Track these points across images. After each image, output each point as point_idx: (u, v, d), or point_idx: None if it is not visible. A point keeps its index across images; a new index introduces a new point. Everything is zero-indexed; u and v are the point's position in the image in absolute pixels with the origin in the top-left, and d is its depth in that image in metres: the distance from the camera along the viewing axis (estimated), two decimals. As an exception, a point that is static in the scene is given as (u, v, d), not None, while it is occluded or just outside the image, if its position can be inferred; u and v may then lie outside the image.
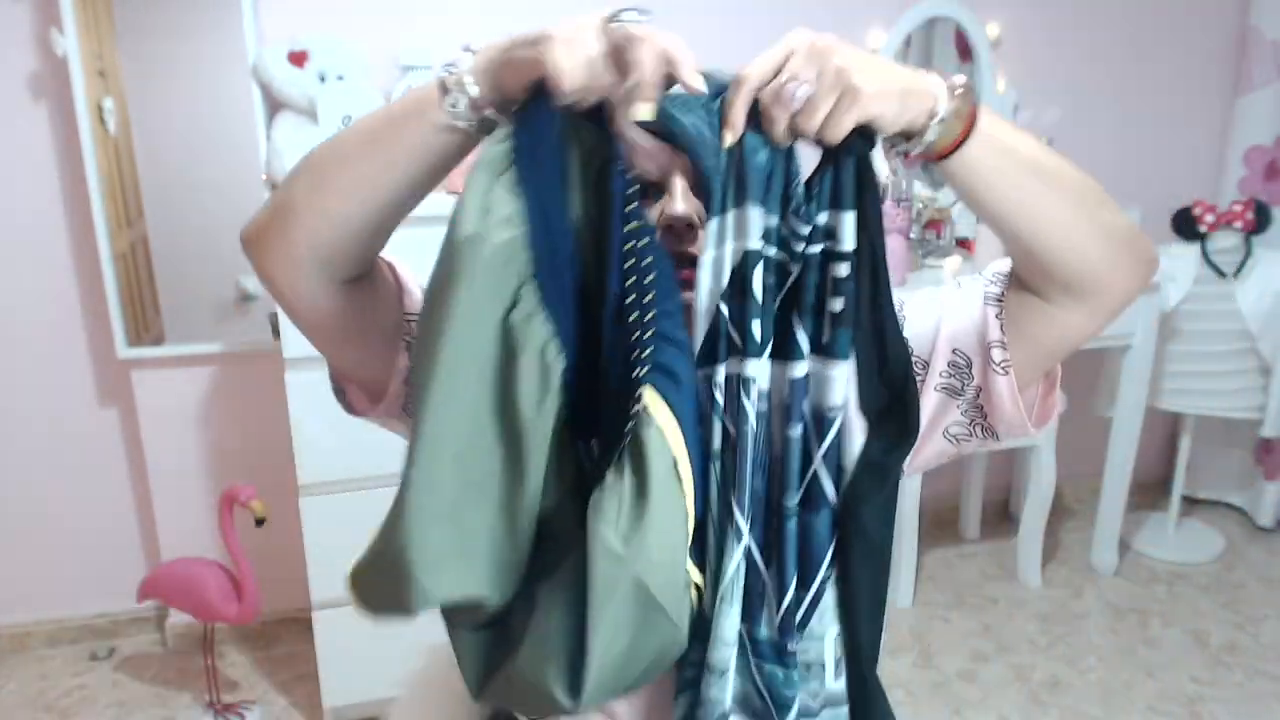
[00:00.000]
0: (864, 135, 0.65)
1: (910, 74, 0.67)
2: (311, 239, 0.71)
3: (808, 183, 0.68)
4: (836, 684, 0.77)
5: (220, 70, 2.06)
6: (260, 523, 1.91)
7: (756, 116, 0.66)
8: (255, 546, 2.04)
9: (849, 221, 0.67)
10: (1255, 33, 2.74)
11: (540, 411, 0.65)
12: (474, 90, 0.67)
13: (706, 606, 0.71)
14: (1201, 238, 2.51)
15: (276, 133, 1.97)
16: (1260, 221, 2.46)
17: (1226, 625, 2.43)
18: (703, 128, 0.69)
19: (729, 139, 0.66)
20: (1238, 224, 2.47)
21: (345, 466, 1.85)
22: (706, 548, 0.70)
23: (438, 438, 0.64)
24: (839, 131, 0.64)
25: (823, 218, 0.68)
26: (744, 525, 0.68)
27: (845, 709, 0.77)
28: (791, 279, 0.69)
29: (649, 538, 0.62)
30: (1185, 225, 2.52)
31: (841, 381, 0.70)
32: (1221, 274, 2.50)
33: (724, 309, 0.68)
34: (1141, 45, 2.76)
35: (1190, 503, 3.04)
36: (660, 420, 0.63)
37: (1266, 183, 2.81)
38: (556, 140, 0.66)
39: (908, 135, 0.67)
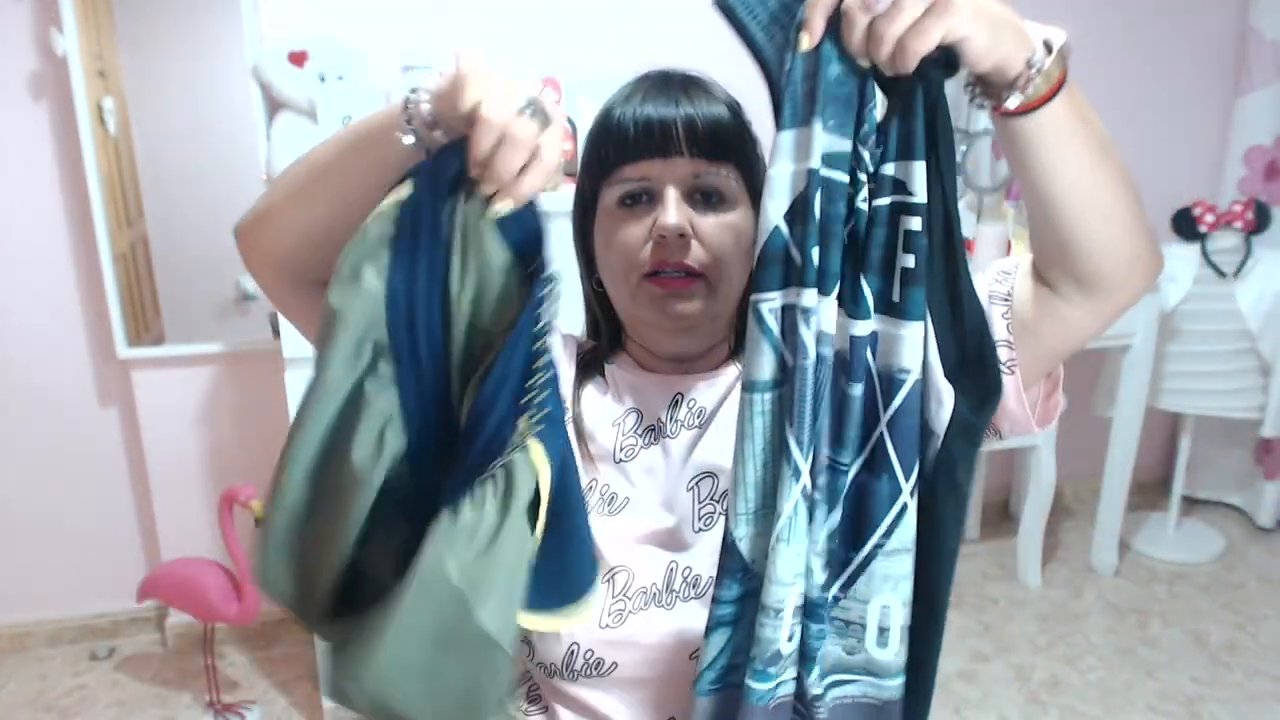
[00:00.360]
0: (946, 63, 0.60)
1: (1010, 11, 0.63)
2: (284, 242, 0.75)
3: (879, 128, 0.63)
4: (881, 652, 0.72)
5: (220, 70, 2.06)
6: (260, 523, 1.90)
7: (837, 25, 0.61)
8: (255, 546, 2.04)
9: (920, 171, 0.62)
10: (1255, 33, 2.74)
11: (370, 473, 0.66)
12: (425, 109, 0.66)
13: (754, 545, 0.68)
14: (1201, 238, 2.51)
15: (276, 133, 1.97)
16: (1260, 221, 2.46)
17: (1226, 625, 2.43)
18: (775, 31, 0.64)
19: (805, 43, 0.61)
20: (1238, 224, 2.47)
21: (345, 466, 1.85)
22: (759, 483, 0.67)
23: (295, 460, 0.68)
24: (924, 44, 0.58)
25: (891, 168, 0.64)
26: (802, 464, 0.65)
27: (890, 682, 0.72)
28: (854, 221, 0.65)
29: (493, 571, 0.62)
30: (1185, 225, 2.52)
31: (914, 343, 0.65)
32: (1221, 274, 2.50)
33: (784, 229, 0.64)
34: (1141, 45, 2.76)
35: (1190, 503, 3.04)
36: (535, 457, 0.63)
37: (1266, 183, 2.81)
38: (448, 192, 0.64)
39: (994, 84, 0.63)
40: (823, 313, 0.64)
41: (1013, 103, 0.62)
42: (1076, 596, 2.57)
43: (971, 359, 0.68)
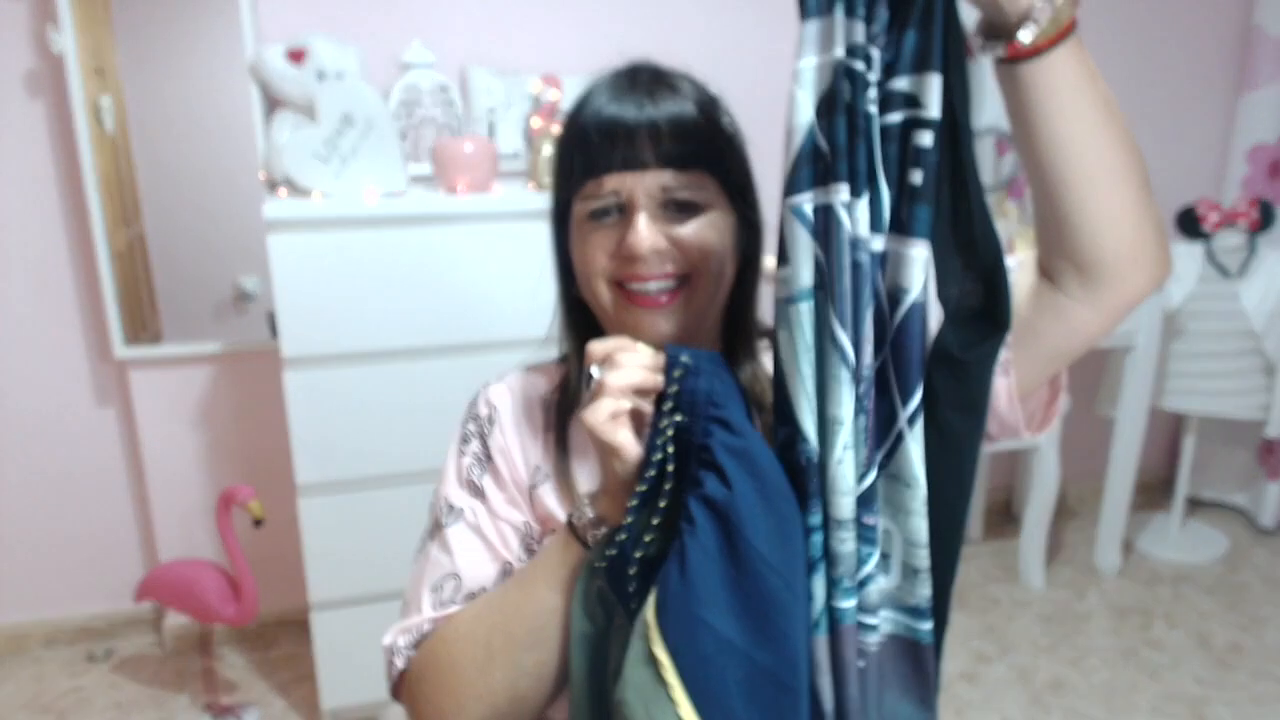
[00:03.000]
0: None
1: None
2: (485, 711, 0.77)
3: (889, 43, 0.62)
4: (888, 581, 0.71)
5: (218, 68, 2.05)
6: (258, 523, 1.90)
7: None
8: (253, 547, 2.03)
9: (935, 85, 0.61)
10: (1258, 31, 2.73)
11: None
12: (589, 511, 0.75)
13: (814, 456, 0.66)
14: (1206, 237, 2.50)
15: (275, 131, 1.96)
16: (1265, 220, 2.45)
17: (1230, 626, 2.42)
18: None
19: None
20: (1242, 223, 2.46)
21: (344, 466, 1.84)
22: (815, 394, 0.65)
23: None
24: None
25: (905, 82, 0.62)
26: (854, 364, 0.63)
27: (922, 625, 0.71)
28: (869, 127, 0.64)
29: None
30: (1189, 224, 2.51)
31: (919, 263, 0.64)
32: (1226, 273, 2.49)
33: (816, 125, 0.63)
34: (1144, 44, 2.75)
35: (1194, 503, 3.03)
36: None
37: (1270, 181, 2.80)
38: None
39: (1006, 22, 0.61)
40: (858, 214, 0.63)
41: (1026, 37, 0.61)
42: (1080, 597, 2.56)
43: (984, 289, 0.66)
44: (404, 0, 2.14)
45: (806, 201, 0.64)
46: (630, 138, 0.77)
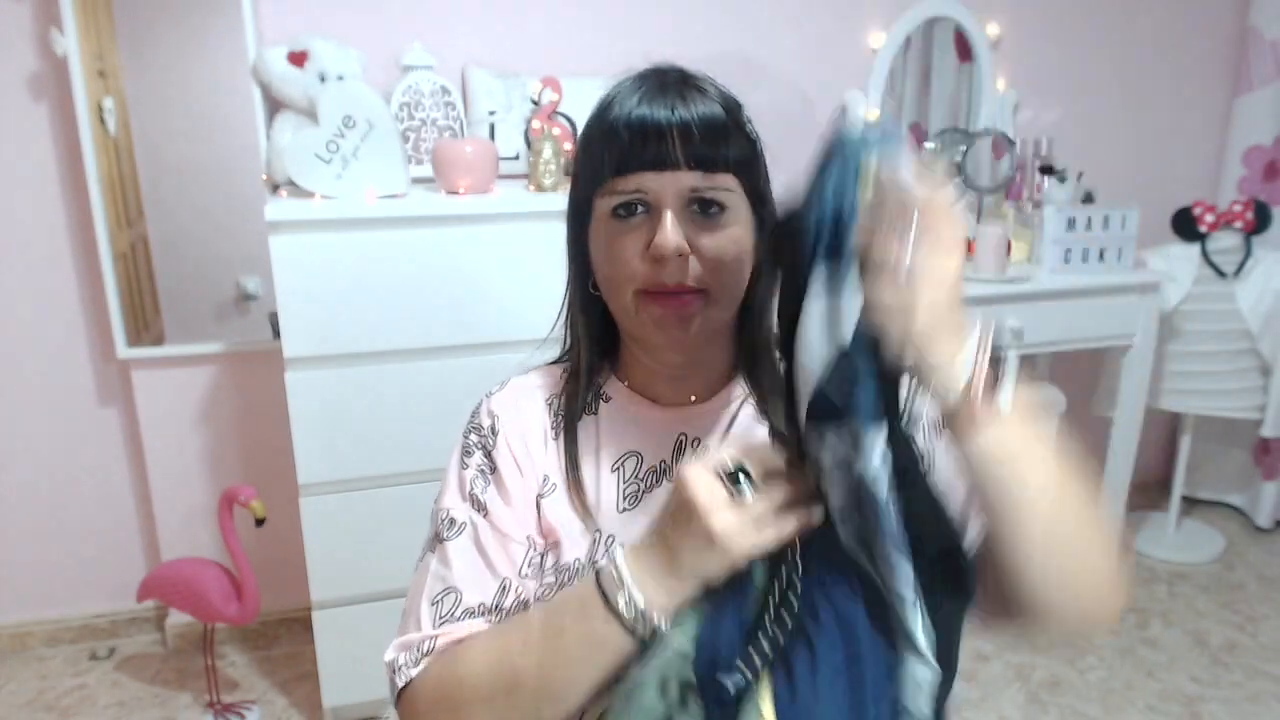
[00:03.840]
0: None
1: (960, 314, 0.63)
2: None
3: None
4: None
5: (220, 70, 2.06)
6: (260, 523, 1.91)
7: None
8: (255, 546, 2.04)
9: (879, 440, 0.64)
10: (1254, 33, 2.74)
11: None
12: (639, 598, 0.70)
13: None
14: (1201, 238, 2.51)
15: (276, 133, 1.97)
16: (1260, 221, 2.47)
17: (1226, 625, 2.43)
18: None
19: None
20: (1238, 224, 2.47)
21: (345, 466, 1.85)
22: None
23: None
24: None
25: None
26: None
27: None
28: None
29: None
30: (1185, 225, 2.53)
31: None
32: (1221, 274, 2.51)
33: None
34: (1141, 45, 2.76)
35: (1190, 503, 3.05)
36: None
37: (1266, 183, 2.81)
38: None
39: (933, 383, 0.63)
40: (873, 446, 0.64)
41: (950, 420, 0.63)
42: (1076, 596, 2.57)
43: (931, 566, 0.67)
44: (405, 3, 2.15)
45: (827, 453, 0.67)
46: (661, 138, 0.77)
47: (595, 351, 0.89)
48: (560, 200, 1.86)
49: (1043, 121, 2.71)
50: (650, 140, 0.77)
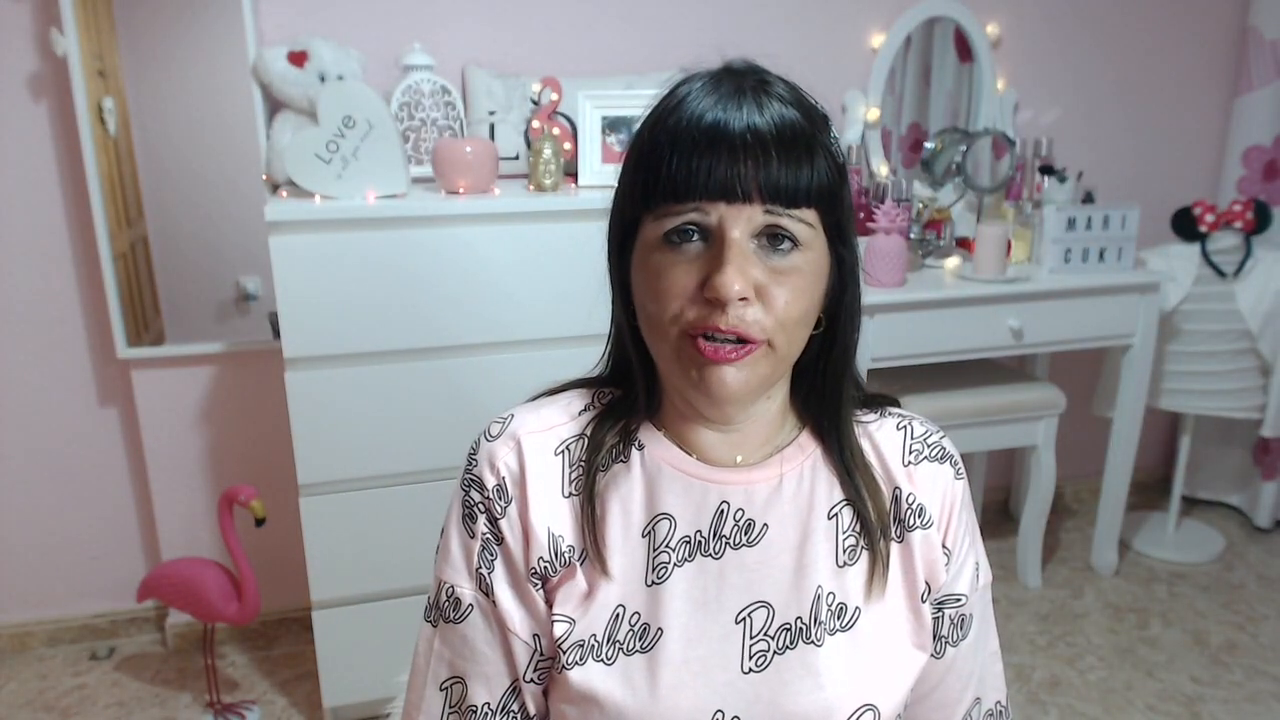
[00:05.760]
0: None
1: None
2: None
3: None
4: None
5: (220, 70, 2.07)
6: (260, 523, 1.91)
7: None
8: (255, 546, 2.04)
9: None
10: (1254, 33, 2.74)
11: None
12: None
13: None
14: (1201, 237, 2.51)
15: (276, 133, 1.97)
16: (1260, 221, 2.47)
17: (1226, 625, 2.43)
18: None
19: None
20: (1238, 224, 2.47)
21: (345, 466, 1.85)
22: None
23: None
24: None
25: None
26: None
27: None
28: None
29: None
30: (1185, 225, 2.53)
31: None
32: (1221, 274, 2.51)
33: None
34: (1141, 45, 2.76)
35: (1190, 503, 3.05)
36: None
37: (1265, 183, 2.81)
38: None
39: None
40: None
41: None
42: (1076, 596, 2.57)
43: None
44: (404, 3, 2.15)
45: None
46: (734, 157, 0.64)
47: (645, 391, 0.77)
48: (560, 200, 1.87)
49: (1043, 121, 2.72)
50: (721, 163, 0.64)
